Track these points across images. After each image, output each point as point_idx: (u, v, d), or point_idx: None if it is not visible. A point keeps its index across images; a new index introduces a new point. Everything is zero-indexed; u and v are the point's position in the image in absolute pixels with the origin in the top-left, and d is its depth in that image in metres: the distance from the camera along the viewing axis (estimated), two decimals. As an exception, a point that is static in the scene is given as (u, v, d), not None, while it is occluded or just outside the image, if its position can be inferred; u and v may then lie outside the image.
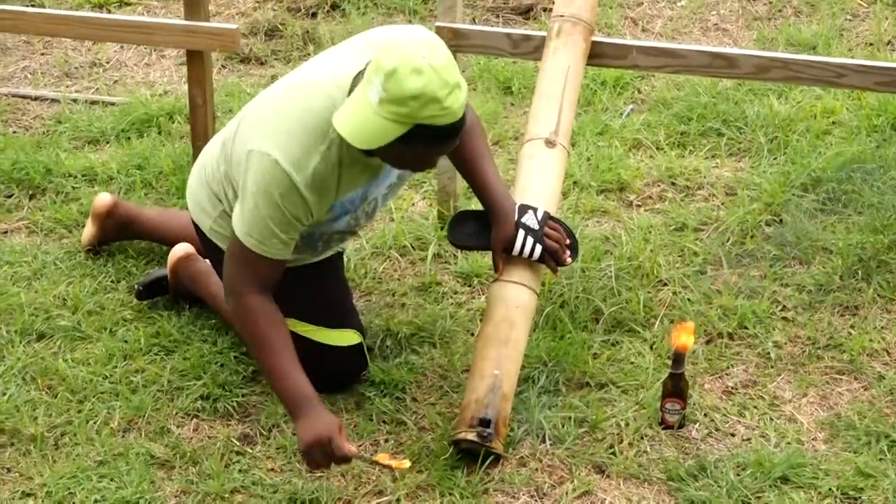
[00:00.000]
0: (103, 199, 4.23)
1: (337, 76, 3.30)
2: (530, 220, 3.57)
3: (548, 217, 3.60)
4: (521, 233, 3.55)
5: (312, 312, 3.64)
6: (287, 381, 3.32)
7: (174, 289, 4.01)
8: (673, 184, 4.58)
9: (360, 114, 3.11)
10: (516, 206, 3.58)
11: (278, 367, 3.33)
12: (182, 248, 3.99)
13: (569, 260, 3.62)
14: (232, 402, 3.65)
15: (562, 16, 4.03)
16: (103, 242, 4.29)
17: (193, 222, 3.72)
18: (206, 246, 3.74)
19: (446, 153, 3.38)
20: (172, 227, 4.17)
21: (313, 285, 3.66)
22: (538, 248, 3.56)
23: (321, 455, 3.24)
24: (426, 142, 3.15)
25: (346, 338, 3.67)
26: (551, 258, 3.57)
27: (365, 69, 3.19)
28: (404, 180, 3.61)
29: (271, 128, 3.30)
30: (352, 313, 3.76)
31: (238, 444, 3.52)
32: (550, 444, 3.48)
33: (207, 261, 3.93)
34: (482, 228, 3.63)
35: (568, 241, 3.62)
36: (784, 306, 3.98)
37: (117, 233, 4.26)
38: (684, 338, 3.52)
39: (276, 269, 3.37)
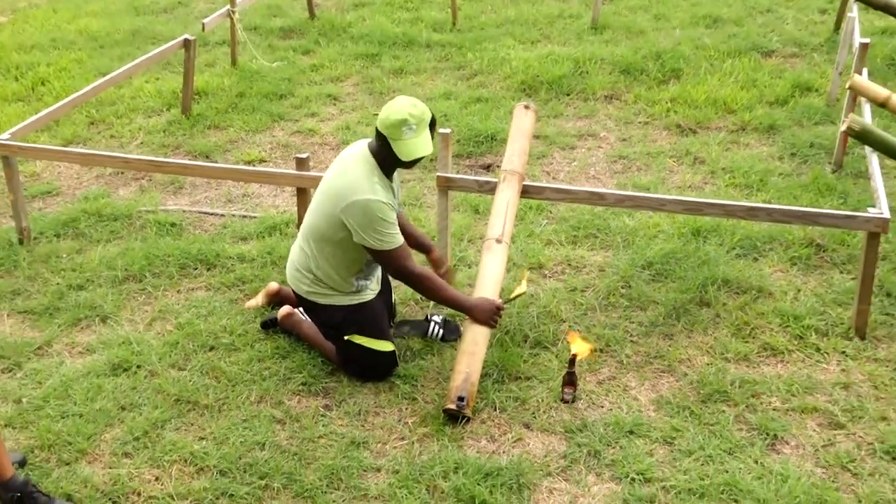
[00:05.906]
0: (273, 285, 4.16)
1: (358, 155, 3.46)
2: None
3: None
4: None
5: (367, 330, 3.61)
6: (456, 299, 3.53)
7: (282, 329, 3.97)
8: (569, 265, 4.59)
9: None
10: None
11: (450, 296, 3.52)
12: (286, 309, 3.93)
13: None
14: (319, 386, 3.66)
15: (506, 170, 4.09)
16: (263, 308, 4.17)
17: (293, 291, 3.68)
18: (303, 303, 3.68)
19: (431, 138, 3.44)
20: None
21: (370, 316, 3.64)
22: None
23: (494, 316, 3.50)
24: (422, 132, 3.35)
25: (385, 346, 3.64)
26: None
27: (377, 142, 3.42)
28: (397, 200, 3.64)
29: (347, 193, 3.37)
30: (389, 332, 3.70)
31: (323, 410, 3.53)
32: (499, 412, 3.49)
33: (300, 313, 3.89)
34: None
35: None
36: (631, 334, 3.99)
37: (275, 304, 4.13)
38: (578, 343, 3.61)
39: (407, 247, 3.49)
